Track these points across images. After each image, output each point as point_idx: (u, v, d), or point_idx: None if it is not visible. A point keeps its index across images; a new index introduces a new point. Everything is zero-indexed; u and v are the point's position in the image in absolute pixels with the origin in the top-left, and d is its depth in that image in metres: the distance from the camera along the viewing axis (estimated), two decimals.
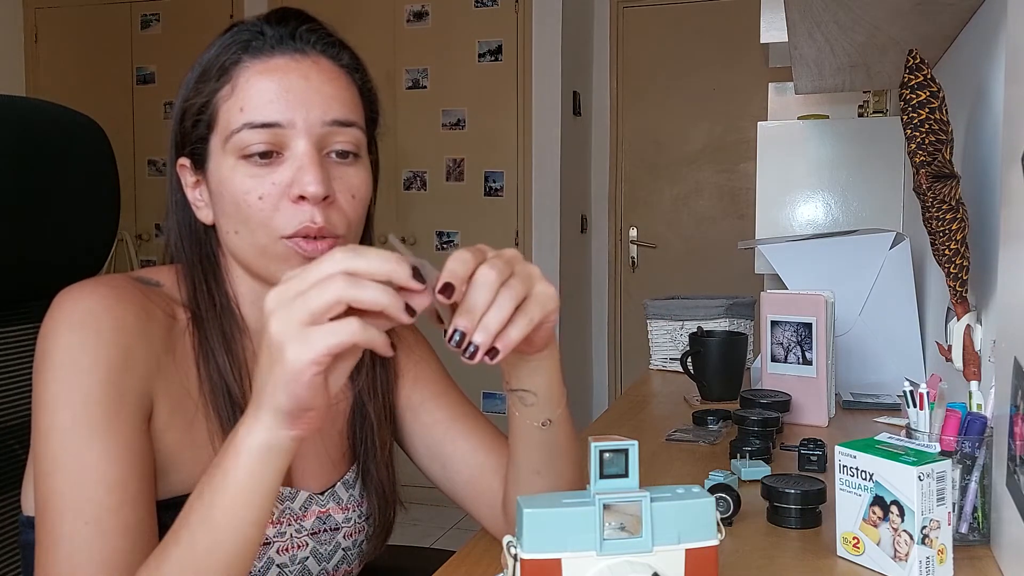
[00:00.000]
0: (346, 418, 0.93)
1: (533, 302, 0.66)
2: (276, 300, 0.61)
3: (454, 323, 0.62)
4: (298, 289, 0.60)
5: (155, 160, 4.20)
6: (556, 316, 0.70)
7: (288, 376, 0.60)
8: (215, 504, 0.65)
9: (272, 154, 0.77)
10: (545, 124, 3.79)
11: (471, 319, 0.62)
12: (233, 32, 0.81)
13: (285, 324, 0.60)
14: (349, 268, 0.59)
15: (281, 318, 0.60)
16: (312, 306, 0.59)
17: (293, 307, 0.60)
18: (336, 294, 0.59)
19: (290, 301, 0.60)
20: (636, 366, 4.09)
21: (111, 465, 0.72)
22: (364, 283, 0.59)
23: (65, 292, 0.77)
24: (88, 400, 0.73)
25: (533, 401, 0.77)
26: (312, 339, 0.59)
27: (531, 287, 0.66)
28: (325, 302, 0.59)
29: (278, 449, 0.64)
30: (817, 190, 2.16)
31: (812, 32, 1.44)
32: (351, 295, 0.59)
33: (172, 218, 0.86)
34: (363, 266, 0.60)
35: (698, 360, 1.64)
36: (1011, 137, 0.88)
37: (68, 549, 0.70)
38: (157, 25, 4.25)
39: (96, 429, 0.72)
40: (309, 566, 0.88)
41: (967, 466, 0.89)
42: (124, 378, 0.75)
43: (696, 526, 0.60)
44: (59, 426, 0.72)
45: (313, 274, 0.60)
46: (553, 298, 0.68)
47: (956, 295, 1.18)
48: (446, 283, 0.61)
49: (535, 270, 0.68)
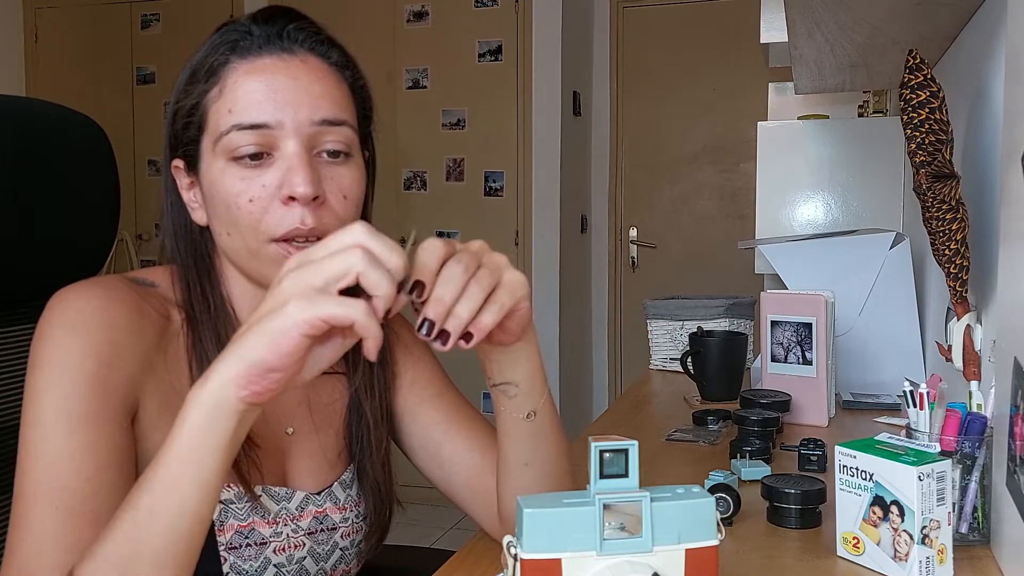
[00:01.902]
0: (342, 418, 0.93)
1: (503, 290, 0.67)
2: (295, 264, 0.62)
3: (423, 313, 0.64)
4: (317, 256, 0.61)
5: (155, 160, 4.20)
6: (527, 302, 0.70)
7: (279, 327, 0.60)
8: (159, 462, 0.64)
9: (262, 155, 0.77)
10: (545, 124, 3.79)
11: (438, 309, 0.63)
12: (221, 32, 0.80)
13: (296, 285, 0.61)
14: (368, 245, 0.61)
15: (294, 279, 0.61)
16: (327, 272, 0.60)
17: (308, 271, 0.61)
18: (350, 263, 0.60)
19: (307, 267, 0.61)
20: (636, 366, 4.09)
21: (88, 456, 0.73)
22: (376, 264, 0.60)
23: (60, 293, 0.78)
24: (72, 393, 0.73)
25: (515, 393, 0.78)
26: (317, 301, 0.60)
27: (500, 276, 0.67)
28: (338, 269, 0.60)
29: (226, 408, 0.62)
30: (817, 190, 2.16)
31: (812, 32, 1.44)
32: (362, 269, 0.60)
33: (167, 219, 0.86)
34: (378, 248, 0.61)
35: (698, 360, 1.64)
36: (1011, 137, 0.88)
37: (36, 533, 0.71)
38: (157, 25, 4.25)
39: (77, 421, 0.73)
40: (307, 566, 0.88)
41: (967, 466, 0.89)
42: (111, 374, 0.75)
43: (696, 526, 0.60)
44: (42, 416, 0.73)
45: (335, 243, 0.61)
46: (523, 284, 0.69)
47: (956, 295, 1.18)
48: (416, 281, 0.63)
49: (502, 259, 0.69)
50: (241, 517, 0.83)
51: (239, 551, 0.82)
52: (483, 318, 0.65)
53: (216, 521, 0.81)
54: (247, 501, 0.83)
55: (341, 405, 0.93)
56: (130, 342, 0.77)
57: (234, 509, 0.82)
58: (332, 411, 0.93)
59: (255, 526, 0.83)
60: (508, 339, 0.73)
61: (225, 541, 0.81)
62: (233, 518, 0.82)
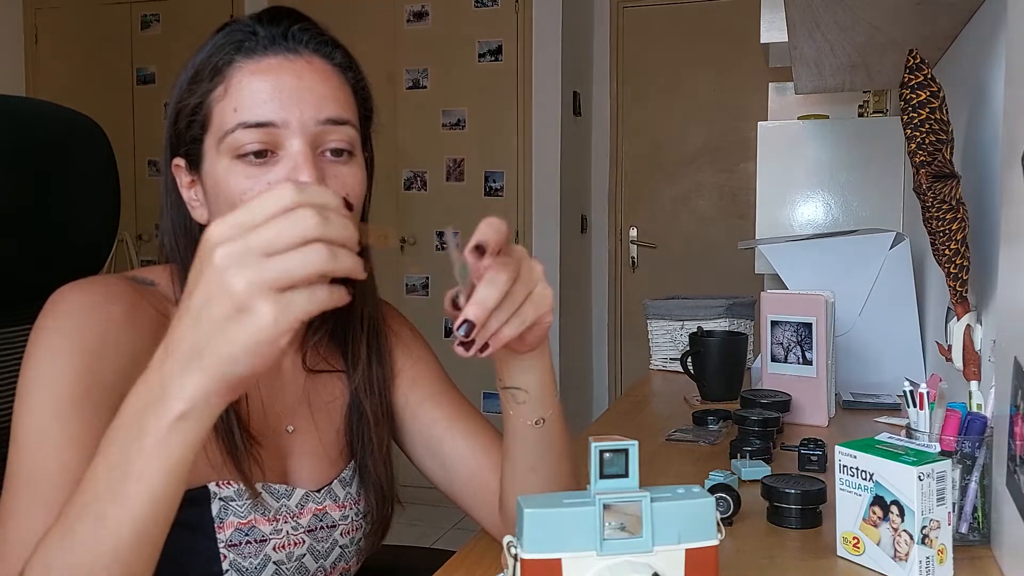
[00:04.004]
0: (343, 416, 0.93)
1: (529, 303, 0.67)
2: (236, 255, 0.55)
3: (465, 313, 0.63)
4: (267, 247, 0.55)
5: (155, 160, 4.19)
6: (550, 318, 0.71)
7: (259, 339, 0.55)
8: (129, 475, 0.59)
9: (267, 153, 0.77)
10: (545, 124, 3.79)
11: (479, 313, 0.63)
12: (225, 32, 0.81)
13: (256, 284, 0.55)
14: (326, 236, 0.56)
15: (248, 275, 0.55)
16: (292, 275, 0.55)
17: (265, 268, 0.55)
18: (319, 267, 0.55)
19: (259, 260, 0.55)
20: (636, 366, 4.08)
21: (73, 447, 0.73)
22: (340, 252, 0.57)
23: (58, 291, 0.78)
24: (61, 384, 0.74)
25: (525, 399, 0.78)
26: (293, 305, 0.55)
27: (531, 289, 0.68)
28: (307, 274, 0.55)
29: (208, 417, 0.58)
30: (817, 190, 2.16)
31: (812, 32, 1.44)
32: (332, 267, 0.56)
33: (167, 218, 0.86)
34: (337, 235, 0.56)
35: (698, 360, 1.64)
36: (1011, 137, 0.88)
37: (17, 522, 0.71)
38: (157, 25, 4.25)
39: (64, 412, 0.73)
40: (306, 563, 0.88)
41: (967, 466, 0.89)
42: (102, 368, 0.75)
43: (696, 526, 0.60)
44: (31, 407, 0.73)
45: (286, 234, 0.55)
46: (548, 300, 0.69)
47: (956, 295, 1.18)
48: (478, 243, 0.63)
49: (539, 271, 0.69)
50: (241, 514, 0.83)
51: (239, 548, 0.82)
52: (504, 330, 0.66)
53: (216, 518, 0.81)
54: (247, 498, 0.83)
55: (341, 403, 0.93)
56: (123, 337, 0.77)
57: (234, 506, 0.82)
58: (332, 409, 0.93)
59: (255, 523, 0.84)
60: (523, 348, 0.74)
61: (225, 538, 0.82)
62: (233, 515, 0.82)
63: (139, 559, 0.62)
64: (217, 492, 0.81)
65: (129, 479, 0.59)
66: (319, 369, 0.93)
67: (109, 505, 0.60)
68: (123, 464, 0.59)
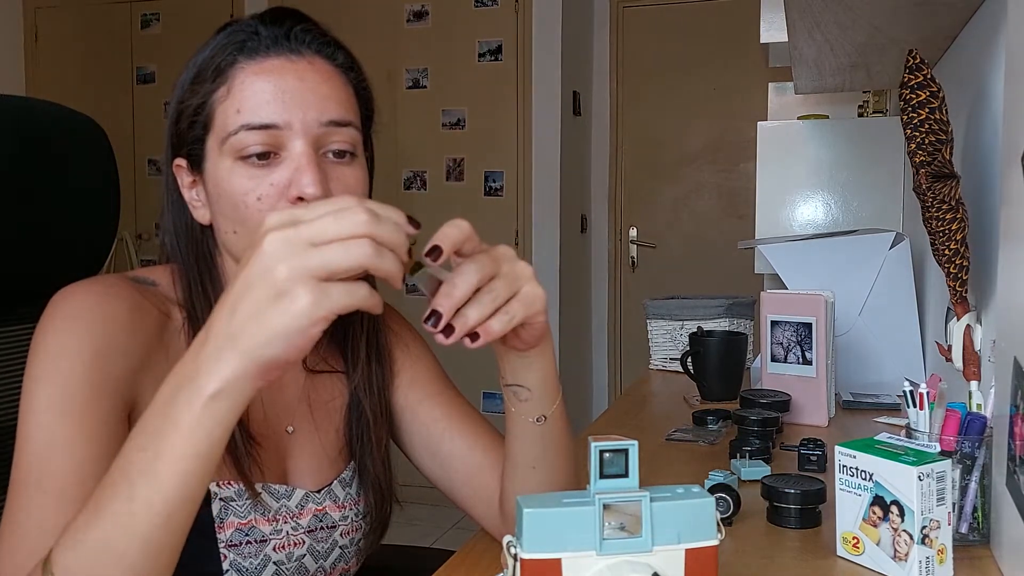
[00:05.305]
0: (342, 416, 0.93)
1: (518, 302, 0.67)
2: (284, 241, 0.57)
3: (433, 303, 0.64)
4: (315, 237, 0.57)
5: (155, 160, 4.20)
6: (543, 317, 0.71)
7: (296, 327, 0.57)
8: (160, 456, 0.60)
9: (269, 155, 0.78)
10: (545, 124, 3.79)
11: (445, 303, 0.63)
12: (228, 32, 0.81)
13: (298, 271, 0.56)
14: (375, 235, 0.58)
15: (294, 264, 0.57)
16: (334, 266, 0.57)
17: (309, 256, 0.57)
18: (362, 261, 0.57)
19: (304, 248, 0.57)
20: (636, 366, 4.08)
21: (80, 442, 0.73)
22: (385, 253, 0.59)
23: (61, 292, 0.79)
24: (68, 382, 0.74)
25: (527, 396, 0.79)
26: (332, 295, 0.57)
27: (518, 288, 0.68)
28: (350, 266, 0.57)
29: (240, 401, 0.59)
30: (817, 190, 2.16)
31: (812, 32, 1.44)
32: (375, 264, 0.58)
33: (168, 218, 0.87)
34: (386, 236, 0.59)
35: (698, 360, 1.64)
36: (1011, 137, 0.88)
37: (22, 516, 0.71)
38: (157, 25, 4.25)
39: (71, 409, 0.73)
40: (306, 563, 0.88)
41: (967, 466, 0.89)
42: (108, 366, 0.76)
43: (696, 526, 0.60)
44: (36, 404, 0.74)
45: (333, 227, 0.57)
46: (540, 299, 0.69)
47: (956, 295, 1.18)
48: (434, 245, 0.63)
49: (526, 271, 0.69)
50: (241, 515, 0.83)
51: (239, 548, 0.82)
52: (491, 324, 0.66)
53: (216, 518, 0.81)
54: (247, 499, 0.83)
55: (341, 403, 0.93)
56: (128, 338, 0.78)
57: (235, 506, 0.82)
58: (332, 409, 0.93)
59: (255, 524, 0.84)
60: (521, 346, 0.75)
61: (225, 538, 0.82)
62: (233, 515, 0.82)
63: (167, 545, 0.62)
64: (217, 492, 0.82)
65: (161, 457, 0.60)
66: (319, 369, 0.93)
67: (140, 483, 0.60)
68: (155, 444, 0.60)
